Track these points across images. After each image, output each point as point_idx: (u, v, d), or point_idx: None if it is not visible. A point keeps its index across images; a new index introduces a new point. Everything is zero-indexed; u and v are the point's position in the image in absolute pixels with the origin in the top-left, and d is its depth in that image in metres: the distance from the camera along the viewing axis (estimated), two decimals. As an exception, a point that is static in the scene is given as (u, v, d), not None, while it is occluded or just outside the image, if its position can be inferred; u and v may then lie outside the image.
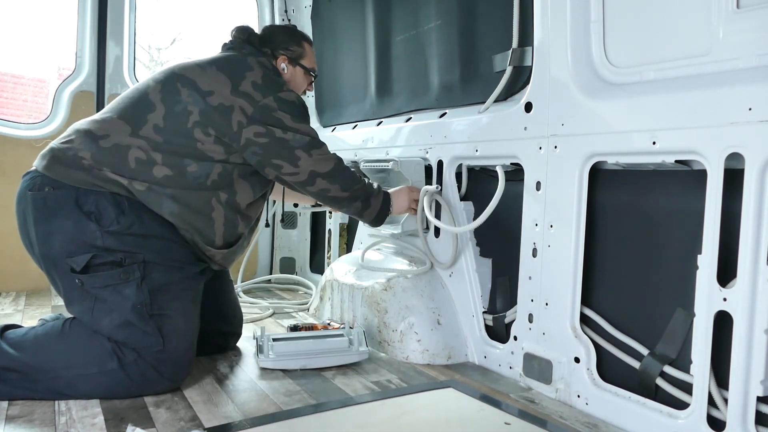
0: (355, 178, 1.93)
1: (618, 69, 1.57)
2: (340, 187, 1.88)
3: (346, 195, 1.90)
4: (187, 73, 1.76)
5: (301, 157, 1.79)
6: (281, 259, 3.51)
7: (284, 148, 1.78)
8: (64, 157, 1.65)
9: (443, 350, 2.02)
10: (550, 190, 1.71)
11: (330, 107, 3.14)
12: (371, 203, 1.97)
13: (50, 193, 1.62)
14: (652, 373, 1.49)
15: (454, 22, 2.19)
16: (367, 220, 2.02)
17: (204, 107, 1.71)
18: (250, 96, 1.75)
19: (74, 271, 1.60)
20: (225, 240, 1.81)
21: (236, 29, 1.98)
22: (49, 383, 1.56)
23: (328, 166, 1.85)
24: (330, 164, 1.85)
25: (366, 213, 1.99)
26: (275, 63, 1.98)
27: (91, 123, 1.72)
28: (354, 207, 1.95)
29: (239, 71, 1.78)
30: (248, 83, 1.76)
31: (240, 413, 1.53)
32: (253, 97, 1.75)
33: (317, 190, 1.86)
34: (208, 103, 1.72)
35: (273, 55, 1.98)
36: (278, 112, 1.77)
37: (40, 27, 14.03)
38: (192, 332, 1.73)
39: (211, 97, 1.72)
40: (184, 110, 1.71)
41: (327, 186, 1.86)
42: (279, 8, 3.47)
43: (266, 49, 1.97)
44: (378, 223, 2.04)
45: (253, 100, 1.75)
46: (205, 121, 1.71)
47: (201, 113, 1.71)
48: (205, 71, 1.77)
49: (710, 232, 1.31)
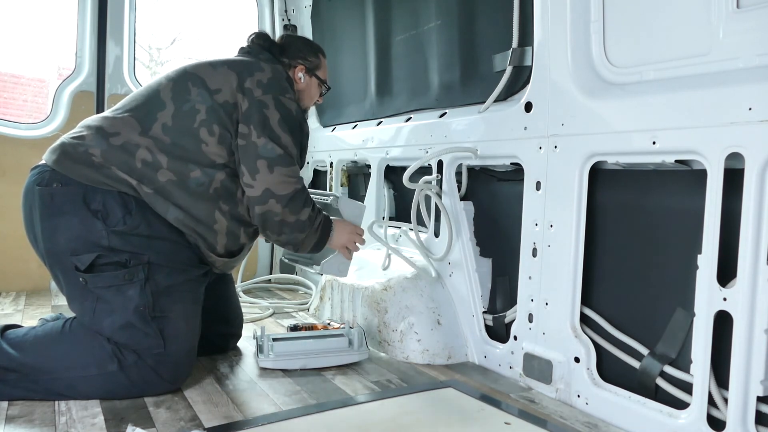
0: (307, 204, 1.77)
1: (618, 69, 1.57)
2: (290, 212, 1.73)
3: (292, 221, 1.74)
4: (199, 72, 1.76)
5: (260, 170, 1.69)
6: (281, 259, 3.50)
7: (252, 153, 1.69)
8: (74, 152, 1.64)
9: (443, 350, 2.02)
10: (550, 190, 1.71)
11: (330, 107, 3.14)
12: (310, 236, 1.81)
13: (58, 189, 1.61)
14: (652, 373, 1.49)
15: (454, 22, 2.19)
16: (301, 251, 1.86)
17: (211, 104, 1.70)
18: (250, 91, 1.73)
19: (78, 269, 1.59)
20: (227, 249, 1.80)
21: (255, 35, 1.97)
22: (48, 384, 1.56)
23: (287, 189, 1.71)
24: (290, 188, 1.72)
25: (302, 246, 1.82)
26: (293, 72, 1.97)
27: (103, 120, 1.71)
28: (294, 238, 1.78)
29: (249, 70, 1.77)
30: (254, 81, 1.74)
31: (240, 413, 1.53)
32: (253, 93, 1.73)
33: (263, 212, 1.71)
34: (215, 101, 1.71)
35: (290, 65, 1.97)
36: (269, 110, 1.72)
37: (40, 27, 14.04)
38: (193, 335, 1.73)
39: (218, 95, 1.72)
40: (192, 109, 1.70)
41: (277, 209, 1.71)
42: (279, 8, 3.47)
43: (285, 58, 1.96)
44: (311, 252, 1.88)
45: (252, 95, 1.72)
46: (210, 119, 1.69)
47: (207, 111, 1.70)
48: (216, 70, 1.76)
49: (710, 232, 1.31)
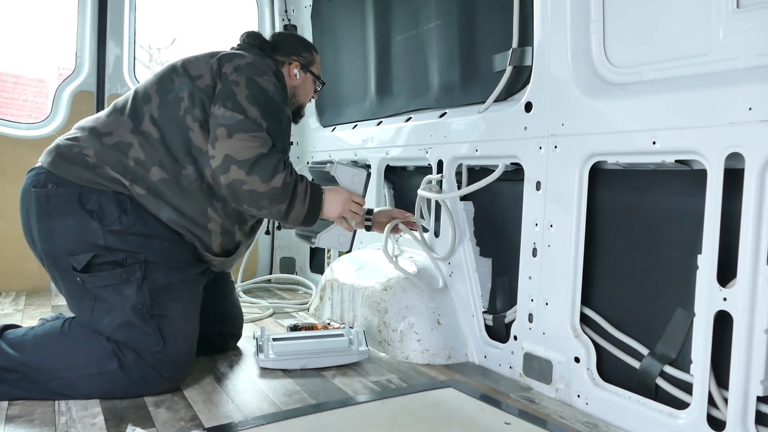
0: (278, 171, 1.63)
1: (618, 69, 1.57)
2: (259, 179, 1.60)
3: (264, 190, 1.61)
4: (183, 63, 1.77)
5: (219, 136, 1.61)
6: (281, 259, 3.51)
7: (212, 125, 1.64)
8: (69, 154, 1.66)
9: (443, 350, 2.02)
10: (550, 190, 1.71)
11: (330, 107, 3.14)
12: (295, 206, 1.70)
13: (54, 190, 1.62)
14: (652, 373, 1.49)
15: (454, 22, 2.19)
16: (290, 225, 1.77)
17: (192, 89, 1.70)
18: (225, 75, 1.71)
19: (75, 269, 1.60)
20: (223, 248, 1.80)
21: (246, 34, 1.97)
22: (48, 384, 1.56)
23: (248, 153, 1.59)
24: (252, 152, 1.59)
25: (289, 218, 1.72)
26: (288, 69, 1.97)
27: (96, 120, 1.73)
28: (274, 209, 1.67)
29: (230, 57, 1.76)
30: (232, 66, 1.72)
31: (240, 413, 1.53)
32: (228, 76, 1.70)
33: (230, 181, 1.60)
34: (197, 86, 1.71)
35: (284, 61, 1.97)
36: (238, 87, 1.66)
37: (40, 27, 14.05)
38: (192, 333, 1.73)
39: (200, 80, 1.72)
40: (176, 98, 1.71)
41: (242, 177, 1.59)
42: (279, 8, 3.47)
43: (277, 55, 1.96)
44: (306, 225, 1.79)
45: (226, 78, 1.70)
46: (193, 105, 1.69)
47: (189, 96, 1.70)
48: (200, 60, 1.77)
49: (710, 232, 1.31)
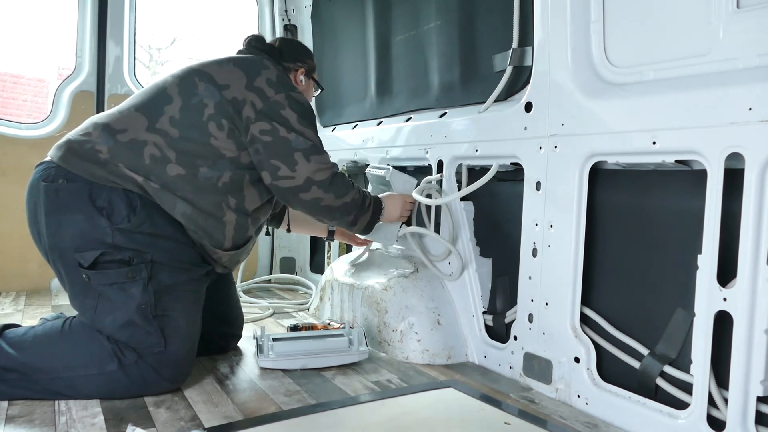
0: (349, 188, 1.89)
1: (618, 69, 1.57)
2: (334, 196, 1.84)
3: (338, 205, 1.86)
4: (205, 69, 1.78)
5: (299, 161, 1.77)
6: (281, 259, 3.51)
7: (285, 148, 1.76)
8: (80, 149, 1.65)
9: (443, 350, 2.02)
10: (550, 190, 1.71)
11: (330, 107, 3.14)
12: (361, 215, 1.96)
13: (64, 185, 1.62)
14: (652, 373, 1.49)
15: (454, 22, 2.19)
16: (356, 231, 2.04)
17: (219, 99, 1.72)
18: (262, 91, 1.76)
19: (82, 266, 1.60)
20: (234, 242, 1.81)
21: (251, 38, 2.00)
22: (48, 383, 1.56)
23: (324, 174, 1.81)
24: (327, 173, 1.82)
25: (356, 226, 1.98)
26: (294, 75, 2.05)
27: (109, 117, 1.72)
28: (345, 220, 1.93)
29: (255, 68, 1.80)
30: (263, 80, 1.78)
31: (240, 413, 1.53)
32: (265, 92, 1.76)
33: (310, 199, 1.82)
34: (224, 96, 1.73)
35: (291, 68, 2.03)
36: (287, 110, 1.77)
37: (40, 27, 14.05)
38: (194, 334, 1.73)
39: (227, 91, 1.74)
40: (200, 103, 1.72)
41: (321, 195, 1.82)
42: (279, 8, 3.47)
43: (284, 62, 2.01)
44: (366, 232, 2.04)
45: (264, 95, 1.76)
46: (219, 113, 1.72)
47: (216, 105, 1.72)
48: (222, 67, 1.79)
49: (710, 232, 1.31)
